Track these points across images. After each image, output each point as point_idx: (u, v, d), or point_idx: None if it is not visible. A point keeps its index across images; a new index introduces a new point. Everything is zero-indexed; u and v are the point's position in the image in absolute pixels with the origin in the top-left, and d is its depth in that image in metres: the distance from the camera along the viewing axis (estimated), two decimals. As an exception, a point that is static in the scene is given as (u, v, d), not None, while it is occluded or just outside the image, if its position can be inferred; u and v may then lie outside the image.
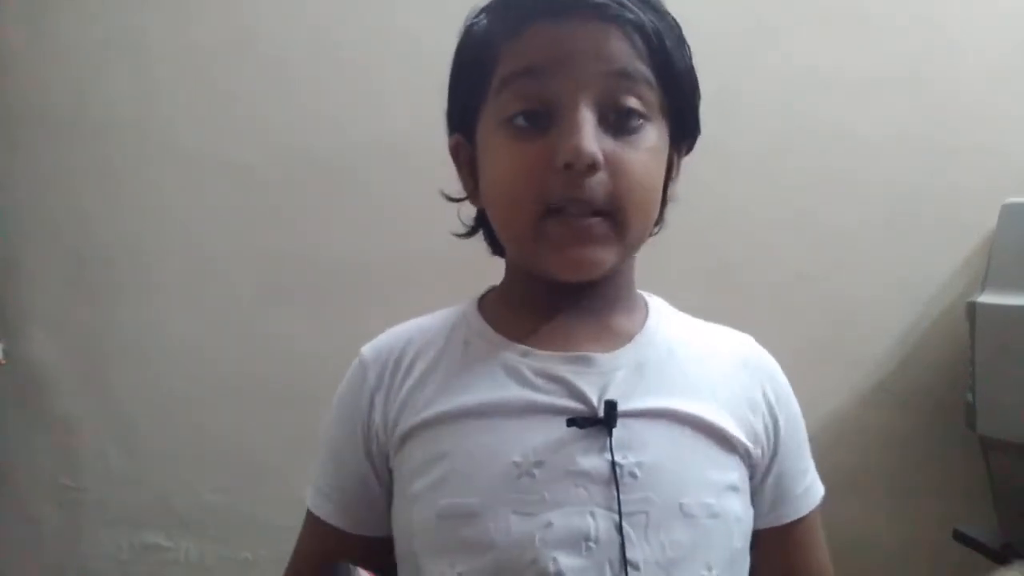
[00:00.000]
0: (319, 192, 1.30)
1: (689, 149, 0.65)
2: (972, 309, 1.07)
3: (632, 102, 0.55)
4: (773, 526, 0.63)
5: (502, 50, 0.57)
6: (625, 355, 0.60)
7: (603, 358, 0.59)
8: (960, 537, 1.13)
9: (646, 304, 0.66)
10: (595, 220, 0.55)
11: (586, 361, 0.59)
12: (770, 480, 0.63)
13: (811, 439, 0.68)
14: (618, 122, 0.55)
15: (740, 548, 0.59)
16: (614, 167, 0.54)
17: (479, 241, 0.69)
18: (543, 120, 0.55)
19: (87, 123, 1.32)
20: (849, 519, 1.21)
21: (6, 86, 1.32)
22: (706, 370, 0.62)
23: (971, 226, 1.22)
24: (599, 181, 0.54)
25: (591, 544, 0.53)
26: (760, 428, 0.62)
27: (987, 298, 1.05)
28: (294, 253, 1.30)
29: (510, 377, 0.59)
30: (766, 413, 0.62)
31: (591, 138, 0.53)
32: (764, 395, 0.63)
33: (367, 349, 0.66)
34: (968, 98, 1.25)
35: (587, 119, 0.53)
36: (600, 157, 0.53)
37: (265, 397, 1.31)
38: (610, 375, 0.58)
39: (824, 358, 1.23)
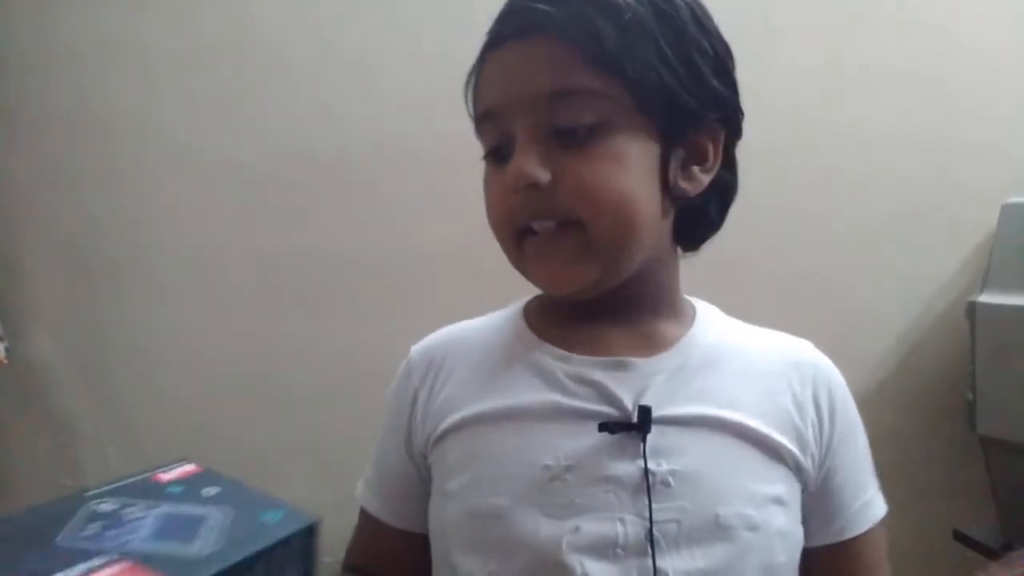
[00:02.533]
0: (320, 192, 1.30)
1: (735, 132, 0.61)
2: (972, 309, 1.07)
3: (576, 114, 0.53)
4: (828, 543, 0.61)
5: (474, 88, 0.60)
6: (665, 360, 0.59)
7: (641, 363, 0.58)
8: (960, 537, 1.13)
9: (694, 310, 0.65)
10: (562, 237, 0.55)
11: (623, 366, 0.58)
12: (823, 491, 0.60)
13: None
14: (568, 137, 0.54)
15: (783, 563, 0.56)
16: (566, 181, 0.54)
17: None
18: (508, 150, 0.56)
19: (88, 123, 1.32)
20: (849, 519, 1.21)
21: (7, 86, 1.32)
22: (753, 376, 0.60)
23: (972, 226, 1.23)
24: (553, 197, 0.54)
25: (619, 551, 0.52)
26: (810, 435, 0.59)
27: (987, 298, 1.05)
28: (295, 253, 1.30)
29: (544, 381, 0.59)
30: (816, 419, 0.60)
31: (528, 161, 0.53)
32: (816, 401, 0.61)
33: (416, 349, 0.68)
34: (969, 98, 1.25)
35: (526, 144, 0.54)
36: (539, 176, 0.53)
37: (266, 397, 1.31)
38: (648, 380, 0.57)
39: (824, 358, 1.23)
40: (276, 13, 1.30)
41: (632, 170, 0.55)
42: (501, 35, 0.56)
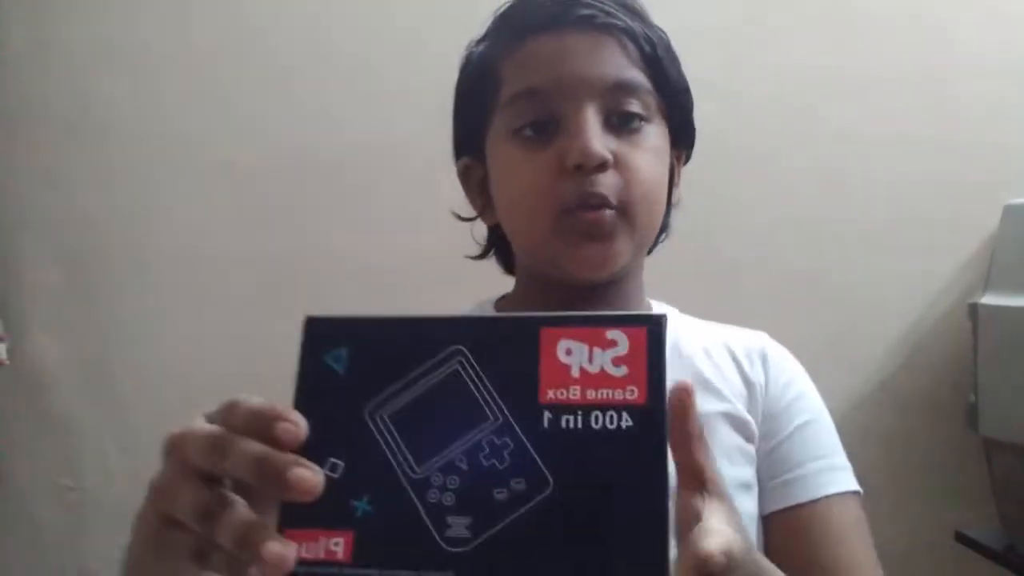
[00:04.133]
0: (320, 192, 1.30)
1: (688, 157, 0.67)
2: (974, 310, 1.06)
3: (633, 106, 0.58)
4: (783, 507, 0.60)
5: (503, 69, 0.59)
6: None
7: None
8: (962, 539, 1.13)
9: (650, 309, 0.67)
10: (608, 213, 0.56)
11: None
12: (774, 453, 0.62)
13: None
14: (621, 124, 0.57)
15: None
16: (622, 165, 0.56)
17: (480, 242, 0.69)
18: (550, 128, 0.57)
19: (88, 123, 1.32)
20: (850, 521, 1.21)
21: (6, 86, 1.32)
22: (709, 362, 0.63)
23: (973, 227, 1.22)
24: (609, 178, 0.56)
25: None
26: (759, 405, 0.62)
27: (989, 299, 1.05)
28: (294, 253, 1.30)
29: None
30: (760, 388, 0.63)
31: (598, 138, 0.55)
32: (755, 373, 0.63)
33: None
34: (970, 98, 1.25)
35: (592, 121, 0.55)
36: (608, 156, 0.55)
37: (265, 398, 1.30)
38: None
39: (825, 359, 1.21)
40: (276, 13, 1.30)
41: (665, 168, 0.61)
42: (555, 21, 0.57)
